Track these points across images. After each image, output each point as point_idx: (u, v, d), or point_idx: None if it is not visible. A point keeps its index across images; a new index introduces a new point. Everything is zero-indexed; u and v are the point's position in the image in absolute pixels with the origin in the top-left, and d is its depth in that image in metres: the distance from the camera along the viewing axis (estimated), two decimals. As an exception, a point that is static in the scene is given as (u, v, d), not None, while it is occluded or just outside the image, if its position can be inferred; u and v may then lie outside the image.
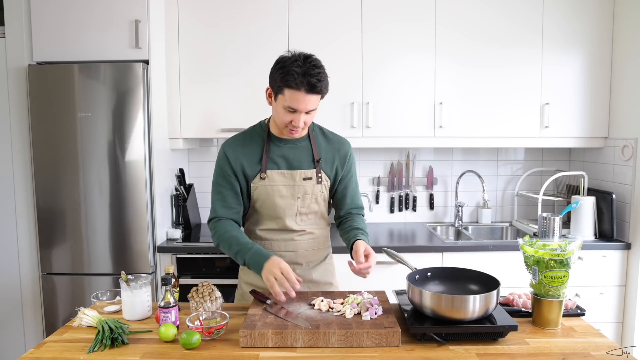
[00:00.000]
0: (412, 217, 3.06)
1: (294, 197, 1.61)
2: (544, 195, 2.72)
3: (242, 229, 1.70)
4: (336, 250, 1.99)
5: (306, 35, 2.59)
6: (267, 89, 1.55)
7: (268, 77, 1.52)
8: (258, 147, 1.61)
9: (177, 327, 1.39)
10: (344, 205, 1.72)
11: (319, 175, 1.62)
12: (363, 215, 1.76)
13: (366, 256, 1.49)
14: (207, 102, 2.63)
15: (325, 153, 1.65)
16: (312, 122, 1.67)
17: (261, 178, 1.59)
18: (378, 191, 3.04)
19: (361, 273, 1.49)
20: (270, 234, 1.67)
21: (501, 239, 2.94)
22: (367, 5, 2.58)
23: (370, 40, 2.60)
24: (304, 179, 1.61)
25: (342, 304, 1.44)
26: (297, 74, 1.41)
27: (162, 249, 2.44)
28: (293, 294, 1.42)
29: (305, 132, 1.63)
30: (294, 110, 1.47)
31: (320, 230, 1.72)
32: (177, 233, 2.58)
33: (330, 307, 1.44)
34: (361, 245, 1.51)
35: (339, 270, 1.84)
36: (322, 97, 1.51)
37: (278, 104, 1.49)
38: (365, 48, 2.60)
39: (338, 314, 1.40)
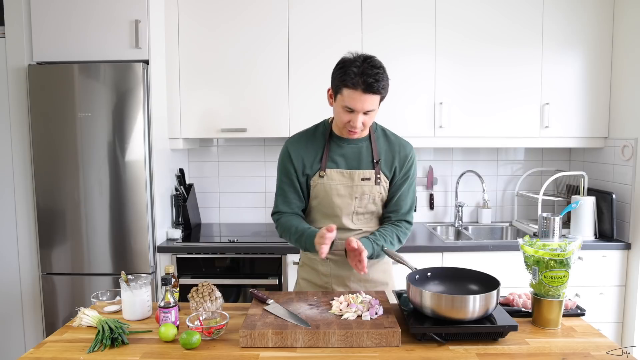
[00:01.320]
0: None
1: (351, 197, 1.61)
2: (544, 195, 2.72)
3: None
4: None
5: (307, 35, 2.59)
6: (329, 90, 1.58)
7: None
8: (320, 145, 1.63)
9: (177, 327, 1.39)
10: (388, 206, 1.68)
11: (378, 176, 1.61)
12: (405, 225, 1.67)
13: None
14: (207, 102, 2.63)
15: (385, 154, 1.64)
16: (375, 123, 1.68)
17: (320, 176, 1.61)
18: (378, 191, 3.04)
19: (357, 269, 1.50)
20: None
21: (501, 239, 2.94)
22: (367, 6, 2.58)
23: (370, 41, 2.60)
24: (363, 179, 1.61)
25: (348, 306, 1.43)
26: (355, 73, 1.43)
27: (162, 249, 2.44)
28: (324, 251, 1.43)
29: (365, 133, 1.62)
30: (351, 110, 1.49)
31: (370, 228, 1.68)
32: (177, 233, 2.58)
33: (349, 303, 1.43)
34: (353, 241, 1.48)
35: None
36: (382, 99, 1.51)
37: (337, 104, 1.52)
38: (365, 49, 2.60)
39: (339, 314, 1.40)
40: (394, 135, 1.69)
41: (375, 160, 1.62)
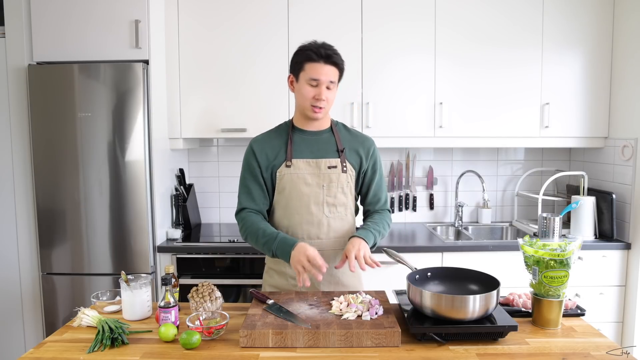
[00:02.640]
0: (412, 217, 3.06)
1: (319, 186, 1.64)
2: (544, 195, 2.72)
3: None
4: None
5: (307, 35, 2.57)
6: (289, 77, 1.66)
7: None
8: (283, 139, 1.68)
9: (177, 327, 1.39)
10: (367, 200, 1.76)
11: (344, 164, 1.66)
12: (388, 213, 1.75)
13: (356, 257, 1.51)
14: (206, 102, 2.63)
15: (349, 144, 1.69)
16: (335, 120, 1.75)
17: (287, 166, 1.63)
18: (378, 191, 3.04)
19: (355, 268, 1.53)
20: (295, 229, 1.65)
21: (501, 239, 2.94)
22: (367, 5, 2.58)
23: (370, 39, 2.60)
24: (329, 167, 1.64)
25: (347, 306, 1.43)
26: (315, 49, 1.57)
27: (162, 249, 2.44)
28: (319, 278, 1.46)
29: (328, 110, 1.66)
30: (316, 84, 1.57)
31: (347, 227, 1.70)
32: (177, 233, 2.58)
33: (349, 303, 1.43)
34: (351, 247, 1.53)
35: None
36: (340, 74, 1.62)
37: (301, 83, 1.61)
38: (365, 48, 2.60)
39: (339, 314, 1.40)
40: (355, 130, 1.77)
41: (340, 150, 1.67)
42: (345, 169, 1.65)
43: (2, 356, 2.53)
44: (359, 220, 1.81)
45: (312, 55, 1.56)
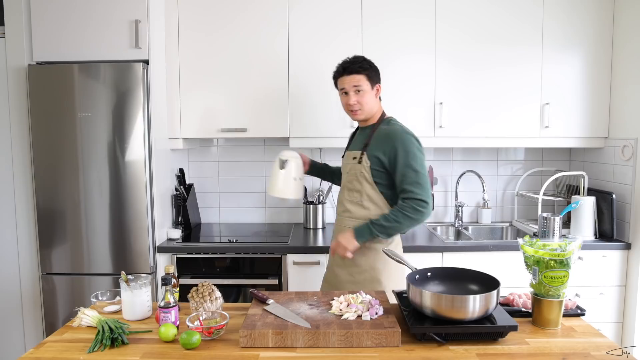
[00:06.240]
0: (412, 217, 3.05)
1: (344, 172, 1.99)
2: (544, 195, 2.72)
3: None
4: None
5: (307, 35, 2.59)
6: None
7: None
8: (353, 133, 2.12)
9: (177, 327, 1.39)
10: (396, 190, 1.86)
11: (362, 156, 1.88)
12: (412, 203, 1.77)
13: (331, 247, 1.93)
14: (207, 102, 2.63)
15: (380, 139, 1.87)
16: (388, 118, 1.95)
17: (342, 157, 2.07)
18: (378, 191, 3.04)
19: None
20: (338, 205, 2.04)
21: (501, 239, 2.94)
22: (367, 3, 2.58)
23: (370, 37, 2.59)
24: (353, 158, 1.92)
25: (347, 306, 1.43)
26: (338, 66, 1.93)
27: (162, 249, 2.44)
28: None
29: (365, 112, 1.90)
30: (345, 93, 1.89)
31: (363, 212, 1.89)
32: (177, 233, 2.58)
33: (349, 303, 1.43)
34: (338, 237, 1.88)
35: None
36: (368, 78, 1.87)
37: (339, 95, 1.96)
38: (365, 48, 2.60)
39: (339, 314, 1.40)
40: (395, 127, 1.88)
41: (364, 144, 1.89)
42: (361, 160, 1.88)
43: (2, 356, 2.53)
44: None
45: (335, 73, 1.94)
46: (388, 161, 1.82)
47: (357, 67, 1.86)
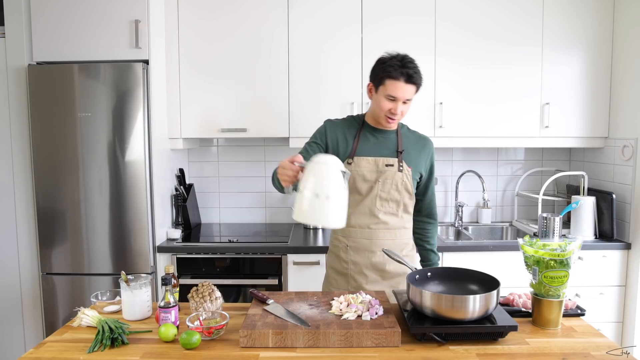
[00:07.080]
0: (412, 217, 3.05)
1: (375, 181, 1.74)
2: (544, 195, 2.72)
3: None
4: None
5: (307, 35, 2.59)
6: (369, 84, 1.75)
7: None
8: (353, 133, 1.79)
9: (177, 327, 1.39)
10: (422, 202, 1.87)
11: (401, 164, 1.74)
12: (435, 222, 1.92)
13: None
14: (207, 102, 2.63)
15: (413, 146, 1.79)
16: (402, 123, 1.85)
17: (348, 163, 1.74)
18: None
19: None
20: (348, 218, 1.70)
21: (501, 239, 2.94)
22: (367, 3, 2.58)
23: (370, 36, 2.59)
24: (386, 165, 1.74)
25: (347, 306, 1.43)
26: (397, 66, 1.63)
27: (162, 249, 2.44)
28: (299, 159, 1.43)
29: (398, 121, 1.76)
30: (393, 99, 1.66)
31: (398, 222, 1.79)
32: (177, 233, 2.58)
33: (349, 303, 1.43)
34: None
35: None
36: (417, 90, 1.69)
37: (379, 95, 1.69)
38: (365, 47, 2.60)
39: (339, 314, 1.40)
40: (417, 132, 1.86)
41: (399, 150, 1.75)
42: (401, 168, 1.74)
43: (2, 356, 2.53)
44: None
45: (393, 73, 1.63)
46: (424, 170, 1.82)
47: (419, 77, 1.66)
